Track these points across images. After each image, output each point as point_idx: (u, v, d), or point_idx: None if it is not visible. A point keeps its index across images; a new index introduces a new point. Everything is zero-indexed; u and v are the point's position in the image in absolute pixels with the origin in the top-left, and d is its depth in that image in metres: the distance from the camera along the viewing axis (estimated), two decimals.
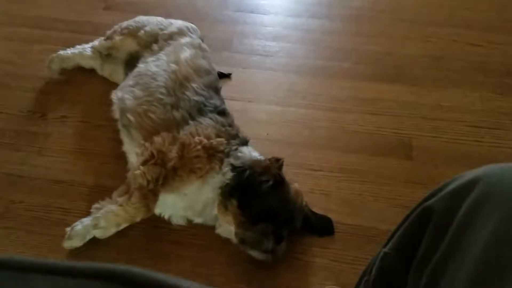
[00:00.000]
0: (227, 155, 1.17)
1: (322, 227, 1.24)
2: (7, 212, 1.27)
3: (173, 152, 1.14)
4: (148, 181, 1.11)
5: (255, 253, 1.12)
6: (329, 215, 1.28)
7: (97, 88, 1.60)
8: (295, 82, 1.68)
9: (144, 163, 1.13)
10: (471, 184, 0.56)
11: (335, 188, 1.35)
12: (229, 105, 1.52)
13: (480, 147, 1.45)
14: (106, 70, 1.62)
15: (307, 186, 1.31)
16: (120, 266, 0.30)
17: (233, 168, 1.13)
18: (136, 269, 0.30)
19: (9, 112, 1.54)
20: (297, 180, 1.30)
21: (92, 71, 1.66)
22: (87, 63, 1.64)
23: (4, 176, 1.35)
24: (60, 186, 1.33)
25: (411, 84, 1.65)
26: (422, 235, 0.61)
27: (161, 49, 1.42)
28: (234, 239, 1.14)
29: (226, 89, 1.60)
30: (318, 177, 1.37)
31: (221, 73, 1.65)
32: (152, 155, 1.13)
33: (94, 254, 1.17)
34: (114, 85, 1.48)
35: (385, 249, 0.72)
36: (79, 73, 1.66)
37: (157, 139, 1.15)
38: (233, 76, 1.68)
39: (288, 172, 1.30)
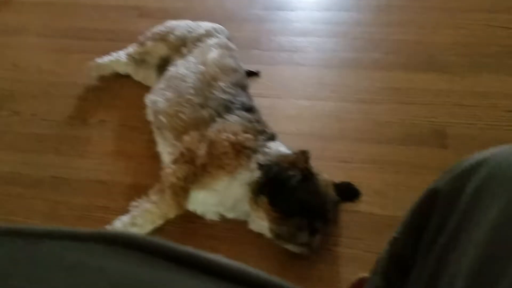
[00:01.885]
0: (255, 150, 1.19)
1: (348, 192, 1.26)
2: (53, 213, 1.35)
3: (202, 150, 1.17)
4: (178, 179, 1.15)
5: (291, 247, 1.14)
6: (362, 206, 1.27)
7: (133, 92, 1.66)
8: (324, 76, 1.68)
9: (175, 162, 1.18)
10: (478, 165, 0.55)
11: (367, 179, 1.34)
12: (258, 102, 1.54)
13: None
14: (140, 75, 1.68)
15: (339, 178, 1.31)
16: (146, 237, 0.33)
17: (260, 166, 1.15)
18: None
19: (52, 119, 1.64)
20: (329, 173, 1.30)
21: (127, 76, 1.73)
22: (123, 69, 1.71)
23: (49, 179, 1.44)
24: (101, 186, 1.40)
25: (444, 72, 1.61)
26: (429, 218, 0.61)
27: (190, 51, 1.47)
28: (269, 234, 1.16)
29: (255, 86, 1.63)
30: (349, 169, 1.37)
31: (250, 71, 1.67)
32: (182, 154, 1.18)
33: None
34: (148, 89, 1.54)
35: (394, 234, 0.72)
36: (116, 79, 1.73)
37: (186, 138, 1.20)
38: (261, 73, 1.70)
39: (319, 166, 1.30)
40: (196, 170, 1.17)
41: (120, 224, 1.19)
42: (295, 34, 1.87)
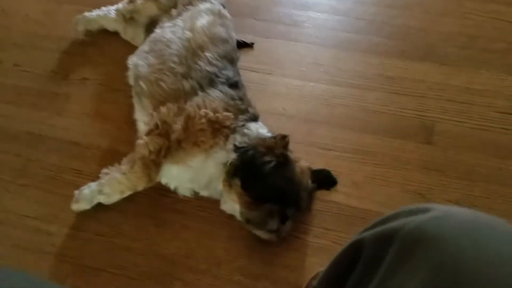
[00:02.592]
0: (233, 130, 1.15)
1: (325, 180, 1.24)
2: (25, 170, 1.32)
3: (178, 124, 1.13)
4: (150, 152, 1.12)
5: (260, 233, 1.12)
6: (337, 196, 1.25)
7: (119, 51, 1.60)
8: (319, 55, 1.62)
9: (148, 133, 1.14)
10: (410, 229, 0.52)
11: (346, 169, 1.31)
12: (247, 77, 1.49)
13: (506, 136, 1.36)
14: (129, 34, 1.61)
15: (318, 165, 1.27)
16: None
17: (236, 148, 1.11)
18: None
19: (34, 71, 1.58)
20: (308, 159, 1.27)
21: (116, 34, 1.66)
22: (111, 26, 1.64)
23: (24, 135, 1.40)
24: (76, 148, 1.37)
25: (442, 64, 1.55)
26: (353, 268, 0.58)
27: (179, 14, 1.39)
28: (239, 218, 1.14)
29: (246, 59, 1.57)
30: (330, 157, 1.34)
31: (243, 42, 1.61)
32: (156, 126, 1.13)
33: (101, 216, 1.21)
34: (135, 49, 1.48)
35: (314, 283, 0.69)
36: (104, 36, 1.66)
37: (163, 110, 1.15)
38: (255, 45, 1.64)
39: (299, 150, 1.28)
40: (170, 144, 1.13)
41: (88, 191, 1.17)
42: (296, 7, 1.79)
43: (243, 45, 1.61)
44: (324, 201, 1.25)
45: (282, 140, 1.14)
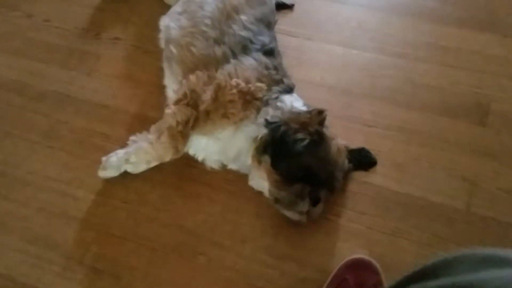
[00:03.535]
0: (266, 103, 1.07)
1: (363, 160, 1.16)
2: (52, 132, 1.29)
3: (207, 94, 1.05)
4: (178, 122, 1.05)
5: (289, 213, 1.05)
6: (375, 178, 1.16)
7: (153, 10, 1.52)
8: (365, 20, 1.48)
9: (177, 102, 1.07)
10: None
11: (388, 148, 1.20)
12: (285, 42, 1.39)
13: None
14: None
15: (357, 143, 1.18)
16: None
17: (267, 123, 1.02)
18: None
19: (65, 28, 1.53)
20: (347, 136, 1.18)
21: None
22: None
23: (53, 94, 1.37)
24: (105, 111, 1.32)
25: (504, 35, 1.38)
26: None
27: None
28: (268, 196, 1.08)
29: (285, 21, 1.46)
30: (371, 134, 1.23)
31: (283, 2, 1.49)
32: (185, 95, 1.06)
33: (128, 184, 1.18)
34: (169, 8, 1.39)
35: None
36: None
37: (192, 78, 1.07)
38: (295, 7, 1.51)
39: (337, 125, 1.19)
40: (199, 115, 1.06)
41: (115, 158, 1.13)
42: None
43: (282, 6, 1.49)
44: (361, 182, 1.16)
45: (318, 116, 1.04)
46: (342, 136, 1.14)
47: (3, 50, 1.48)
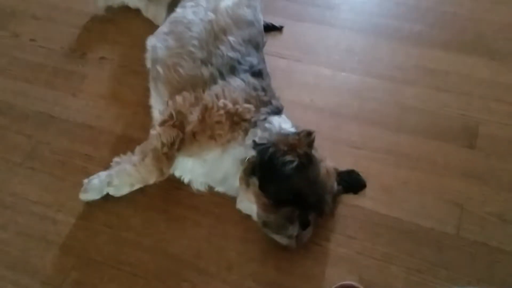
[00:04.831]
0: (254, 124, 1.05)
1: (352, 183, 1.13)
2: (34, 152, 1.26)
3: (194, 115, 1.03)
4: (163, 144, 1.03)
5: (278, 238, 1.03)
6: (364, 201, 1.14)
7: (140, 30, 1.51)
8: (354, 43, 1.48)
9: (162, 123, 1.05)
10: None
11: (376, 171, 1.19)
12: (274, 63, 1.38)
13: None
14: (151, 12, 1.52)
15: (345, 165, 1.16)
16: None
17: (255, 145, 1.00)
18: None
19: (51, 47, 1.51)
20: (335, 158, 1.16)
21: (137, 11, 1.57)
22: (133, 3, 1.55)
23: (36, 115, 1.34)
24: (89, 132, 1.30)
25: (491, 58, 1.39)
26: None
27: None
28: (256, 219, 1.05)
29: (274, 43, 1.45)
30: (359, 156, 1.22)
31: (272, 24, 1.49)
32: (171, 116, 1.04)
33: (110, 207, 1.14)
34: (157, 29, 1.38)
35: None
36: (124, 13, 1.59)
37: (178, 99, 1.06)
38: (284, 29, 1.51)
39: (326, 147, 1.17)
40: (185, 137, 1.04)
41: (97, 181, 1.09)
42: None
43: (271, 28, 1.49)
44: (349, 206, 1.14)
45: (307, 138, 1.03)
46: (330, 158, 1.12)
47: None
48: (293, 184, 0.98)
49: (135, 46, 1.47)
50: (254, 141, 1.01)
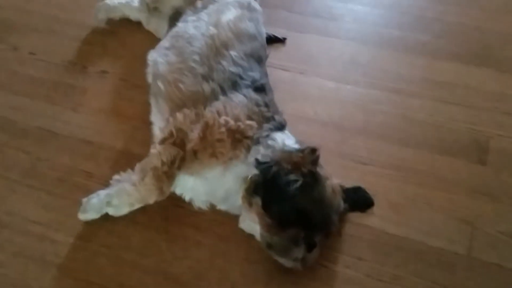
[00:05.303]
0: (256, 141, 1.02)
1: (360, 200, 1.10)
2: (33, 169, 1.23)
3: (195, 132, 1.01)
4: (163, 163, 1.00)
5: (283, 260, 0.99)
6: (371, 220, 1.10)
7: (141, 43, 1.49)
8: (358, 54, 1.46)
9: (162, 141, 1.02)
10: None
11: (383, 188, 1.16)
12: (277, 76, 1.36)
13: None
14: (152, 25, 1.50)
15: (351, 181, 1.13)
16: None
17: (258, 163, 0.97)
18: None
19: (51, 61, 1.49)
20: (341, 173, 1.12)
21: (138, 24, 1.55)
22: (134, 15, 1.53)
23: (36, 130, 1.31)
24: (89, 148, 1.27)
25: (500, 70, 1.36)
26: None
27: (204, 7, 1.27)
28: (260, 240, 1.02)
29: (277, 56, 1.43)
30: (366, 172, 1.19)
31: (274, 36, 1.47)
32: (171, 134, 1.02)
33: (109, 226, 1.11)
34: (158, 42, 1.36)
35: None
36: (125, 25, 1.56)
37: (179, 116, 1.03)
38: (287, 41, 1.49)
39: (331, 162, 1.14)
40: (185, 155, 1.01)
41: (97, 200, 1.07)
42: None
43: (274, 40, 1.47)
44: (357, 225, 1.10)
45: (311, 155, 1.00)
46: (336, 174, 1.09)
47: None
48: (298, 204, 0.95)
49: (136, 59, 1.44)
50: (256, 160, 0.98)
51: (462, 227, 1.08)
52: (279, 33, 1.49)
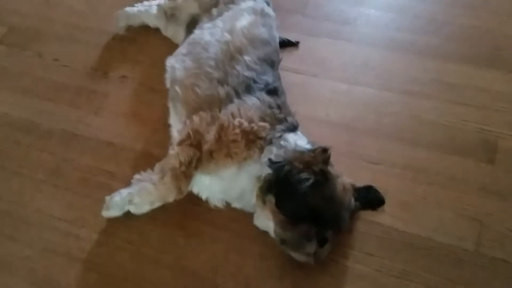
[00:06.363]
0: (269, 142, 1.06)
1: (370, 199, 1.13)
2: (58, 170, 1.30)
3: (210, 134, 1.06)
4: (181, 163, 1.05)
5: (295, 255, 1.03)
6: (382, 218, 1.14)
7: (160, 49, 1.55)
8: (370, 57, 1.49)
9: (180, 143, 1.07)
10: None
11: (394, 187, 1.19)
12: (290, 79, 1.40)
13: None
14: (170, 31, 1.56)
15: (362, 181, 1.16)
16: None
17: (271, 163, 1.02)
18: None
19: (74, 67, 1.56)
20: (352, 173, 1.16)
21: (157, 30, 1.61)
22: (152, 22, 1.59)
23: (60, 133, 1.38)
24: (110, 149, 1.33)
25: (509, 71, 1.38)
26: None
27: (220, 14, 1.32)
28: (273, 237, 1.06)
29: (290, 59, 1.47)
30: (376, 171, 1.22)
31: (288, 40, 1.51)
32: (188, 136, 1.07)
33: (130, 223, 1.17)
34: (176, 47, 1.42)
35: None
36: (145, 32, 1.62)
37: (195, 119, 1.08)
38: (300, 44, 1.53)
39: (342, 162, 1.17)
40: (202, 155, 1.06)
41: (119, 198, 1.12)
42: (347, 2, 1.66)
43: (287, 44, 1.51)
44: (367, 222, 1.14)
45: (322, 154, 1.04)
46: (347, 173, 1.12)
47: (14, 89, 1.51)
48: (310, 201, 0.99)
49: (154, 64, 1.51)
50: (269, 159, 1.02)
51: (471, 225, 1.11)
52: (292, 37, 1.53)
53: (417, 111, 1.34)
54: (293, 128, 1.13)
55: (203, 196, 1.16)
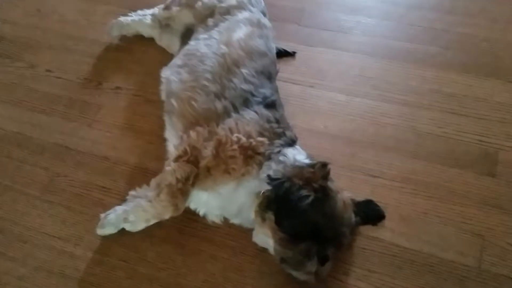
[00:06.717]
0: (268, 157, 1.04)
1: (371, 213, 1.11)
2: (51, 185, 1.27)
3: (208, 150, 1.04)
4: (178, 180, 1.03)
5: (296, 274, 1.01)
6: (383, 233, 1.12)
7: (154, 59, 1.53)
8: (367, 67, 1.47)
9: (177, 159, 1.05)
10: None
11: (394, 201, 1.17)
12: (287, 89, 1.38)
13: None
14: (164, 41, 1.54)
15: (362, 194, 1.15)
16: None
17: (269, 179, 1.00)
18: None
19: (67, 78, 1.53)
20: (351, 187, 1.15)
21: (151, 40, 1.59)
22: (147, 32, 1.57)
23: (53, 147, 1.35)
24: (104, 164, 1.30)
25: (510, 81, 1.37)
26: None
27: (215, 25, 1.29)
28: (273, 254, 1.04)
29: (287, 69, 1.45)
30: (376, 185, 1.20)
31: (285, 50, 1.49)
32: (185, 152, 1.04)
33: (126, 241, 1.14)
34: (171, 57, 1.39)
35: None
36: (139, 42, 1.60)
37: (192, 134, 1.06)
38: (297, 54, 1.51)
39: (341, 176, 1.16)
40: (199, 172, 1.04)
41: (114, 216, 1.10)
42: (344, 11, 1.65)
43: (284, 54, 1.50)
44: (368, 238, 1.12)
45: (322, 170, 1.02)
46: (346, 187, 1.11)
47: (5, 101, 1.48)
48: (310, 218, 0.97)
49: (149, 74, 1.48)
50: (268, 176, 1.00)
51: (473, 240, 1.09)
52: (288, 47, 1.51)
53: (415, 123, 1.33)
54: (292, 143, 1.11)
55: (201, 212, 1.13)
